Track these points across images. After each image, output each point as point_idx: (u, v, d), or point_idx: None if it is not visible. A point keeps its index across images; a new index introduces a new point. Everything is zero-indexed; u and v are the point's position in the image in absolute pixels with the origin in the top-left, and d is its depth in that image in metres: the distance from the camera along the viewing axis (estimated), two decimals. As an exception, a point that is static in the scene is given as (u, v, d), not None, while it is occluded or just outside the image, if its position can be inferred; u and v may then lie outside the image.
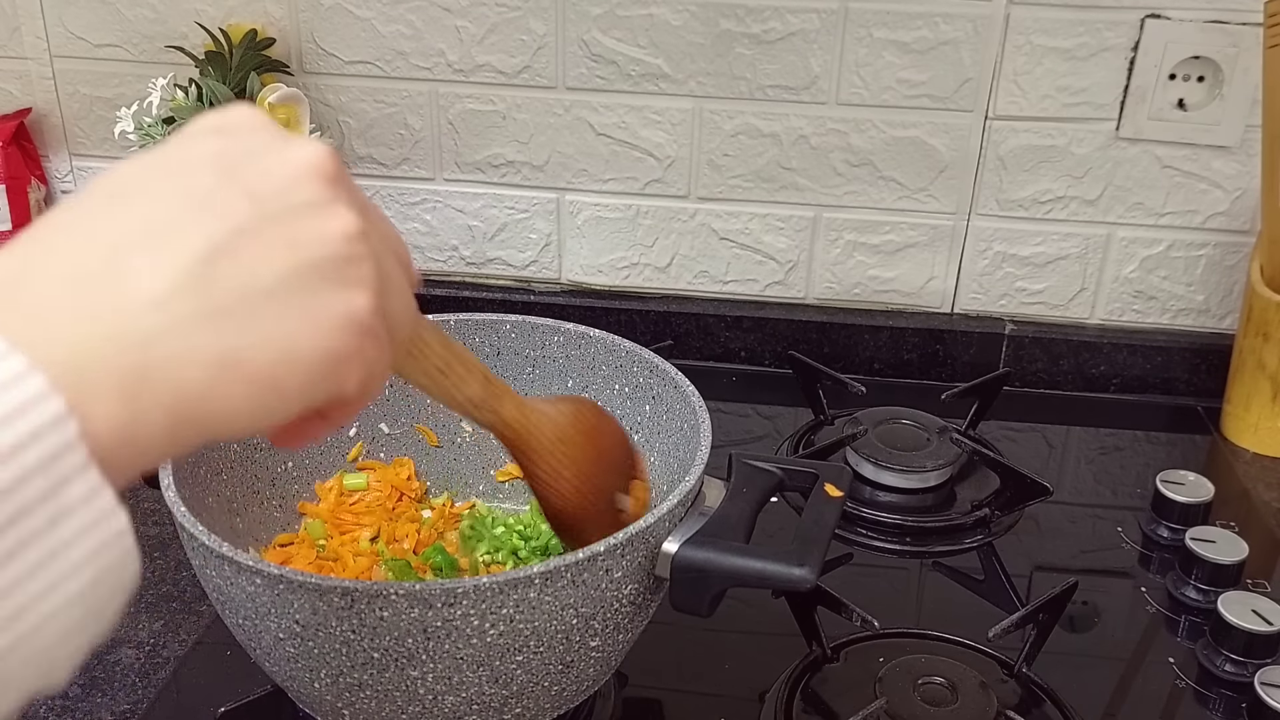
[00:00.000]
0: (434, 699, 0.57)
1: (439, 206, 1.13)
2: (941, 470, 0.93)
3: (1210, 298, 1.08)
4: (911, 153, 1.05)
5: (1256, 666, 0.72)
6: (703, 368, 1.12)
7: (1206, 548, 0.81)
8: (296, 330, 0.34)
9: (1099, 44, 0.99)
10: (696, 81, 1.04)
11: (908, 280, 1.11)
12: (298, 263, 0.34)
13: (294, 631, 0.56)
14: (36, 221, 0.33)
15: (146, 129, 0.97)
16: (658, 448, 0.75)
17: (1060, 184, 1.05)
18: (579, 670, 0.61)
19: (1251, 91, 0.98)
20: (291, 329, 0.34)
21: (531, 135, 1.08)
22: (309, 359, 0.35)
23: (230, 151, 0.36)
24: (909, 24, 1.00)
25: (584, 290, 1.15)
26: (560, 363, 0.79)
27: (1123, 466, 0.99)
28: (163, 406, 0.31)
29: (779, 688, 0.71)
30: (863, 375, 1.08)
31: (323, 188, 0.37)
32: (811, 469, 0.69)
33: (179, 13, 1.07)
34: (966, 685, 0.70)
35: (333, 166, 0.38)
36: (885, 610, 0.74)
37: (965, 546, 0.88)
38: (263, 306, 0.33)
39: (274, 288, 0.34)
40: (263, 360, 0.33)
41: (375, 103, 1.09)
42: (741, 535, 0.62)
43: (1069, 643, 0.77)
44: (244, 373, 0.33)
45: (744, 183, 1.08)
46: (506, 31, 1.04)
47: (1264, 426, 1.00)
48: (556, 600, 0.56)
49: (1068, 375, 1.10)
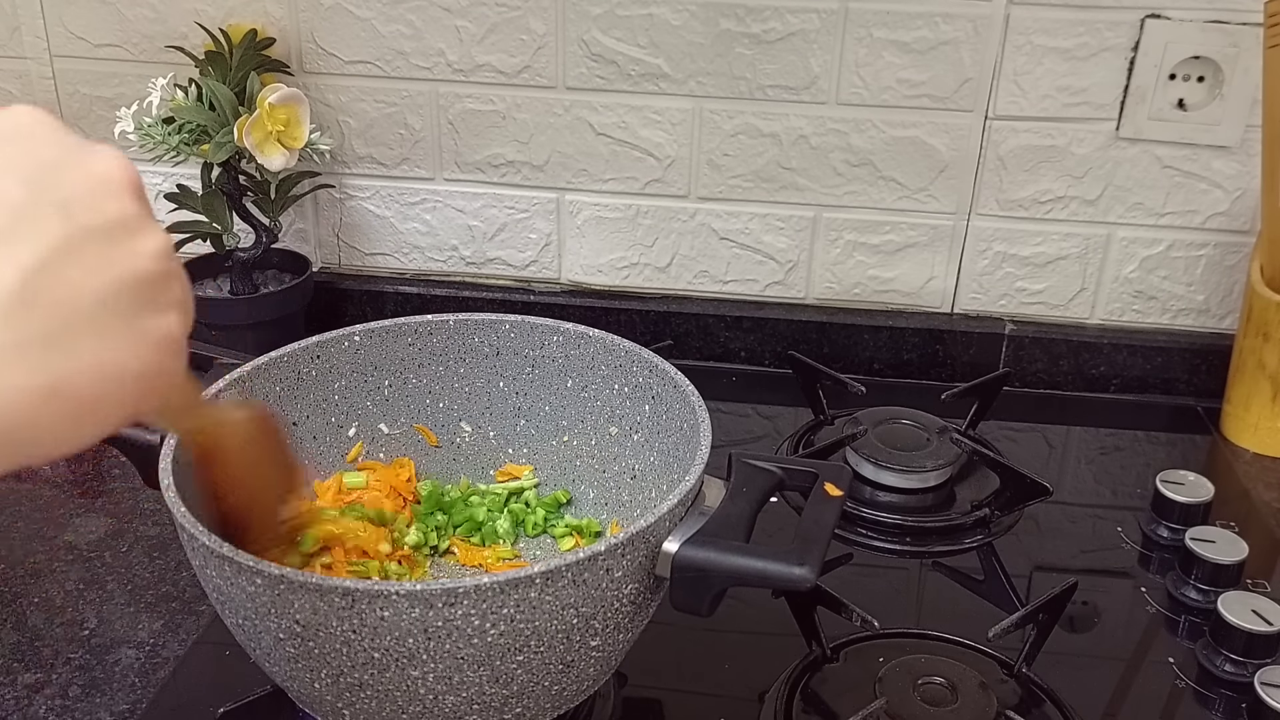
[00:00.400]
0: (434, 699, 0.57)
1: (439, 206, 1.13)
2: (941, 470, 0.93)
3: (1210, 298, 1.08)
4: (911, 153, 1.05)
5: (1256, 666, 0.72)
6: (703, 368, 1.12)
7: (1206, 548, 0.81)
8: (118, 353, 0.34)
9: (1099, 44, 0.99)
10: (696, 81, 1.04)
11: (908, 280, 1.11)
12: (116, 282, 0.34)
13: (294, 631, 0.56)
14: None
15: (146, 129, 0.97)
16: (657, 447, 0.75)
17: (1060, 184, 1.05)
18: (579, 670, 0.61)
19: (1251, 91, 0.98)
20: (113, 352, 0.34)
21: (531, 135, 1.08)
22: (129, 380, 0.34)
23: (32, 159, 0.35)
24: (909, 24, 1.00)
25: (584, 290, 1.15)
26: (560, 362, 0.79)
27: (1123, 466, 0.99)
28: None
29: (779, 688, 0.71)
30: (863, 375, 1.08)
31: (131, 201, 0.36)
32: (811, 468, 0.69)
33: (179, 13, 1.07)
34: (966, 685, 0.70)
35: (136, 177, 0.37)
36: (885, 610, 0.74)
37: (965, 546, 0.88)
38: (84, 330, 0.33)
39: (95, 310, 0.33)
40: (85, 385, 0.33)
41: (375, 103, 1.09)
42: (741, 535, 0.62)
43: (1069, 643, 0.77)
44: (67, 397, 0.33)
45: (744, 183, 1.08)
46: (506, 31, 1.04)
47: (1264, 426, 1.00)
48: (557, 600, 0.56)
49: (1068, 375, 1.10)
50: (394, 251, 1.15)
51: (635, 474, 0.78)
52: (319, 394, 0.77)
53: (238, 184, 1.02)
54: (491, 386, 0.81)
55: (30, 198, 0.33)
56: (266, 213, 1.05)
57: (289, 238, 1.14)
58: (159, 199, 1.11)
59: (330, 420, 0.78)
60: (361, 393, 0.78)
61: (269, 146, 0.97)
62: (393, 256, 1.16)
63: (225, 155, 0.97)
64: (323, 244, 1.16)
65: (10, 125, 0.36)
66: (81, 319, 0.33)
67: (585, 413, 0.79)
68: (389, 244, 1.15)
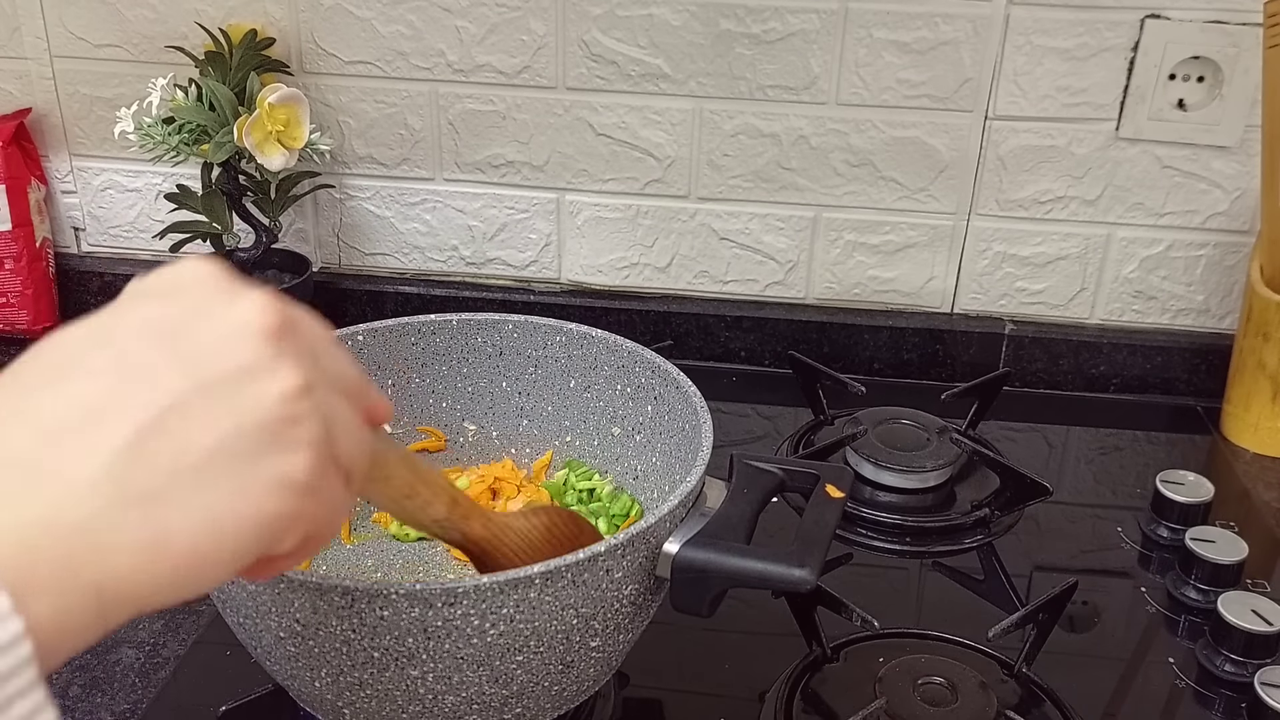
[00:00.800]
0: (434, 698, 0.57)
1: (439, 206, 1.13)
2: (941, 470, 0.93)
3: (1210, 298, 1.08)
4: (911, 153, 1.05)
5: (1256, 666, 0.72)
6: (703, 368, 1.12)
7: (1206, 548, 0.81)
8: (225, 503, 0.34)
9: (1099, 44, 0.99)
10: (696, 81, 1.04)
11: (908, 280, 1.11)
12: (231, 432, 0.34)
13: (294, 631, 0.56)
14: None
15: (146, 129, 0.97)
16: (659, 448, 0.75)
17: (1060, 184, 1.05)
18: (579, 670, 0.61)
19: (1251, 91, 0.98)
20: (220, 503, 0.34)
21: (531, 135, 1.08)
22: (237, 530, 0.34)
23: (171, 317, 0.35)
24: (909, 24, 1.00)
25: (584, 290, 1.15)
26: (562, 363, 0.79)
27: (1123, 466, 0.99)
28: (93, 593, 0.31)
29: (779, 688, 0.71)
30: (863, 375, 1.08)
31: (262, 346, 0.36)
32: (813, 470, 0.69)
33: (179, 13, 1.07)
34: (966, 685, 0.70)
35: (275, 320, 0.37)
36: (885, 610, 0.74)
37: (965, 546, 0.88)
38: (191, 483, 0.33)
39: (204, 463, 0.34)
40: (189, 538, 0.33)
41: (375, 103, 1.09)
42: (742, 536, 0.62)
43: (1069, 643, 0.77)
44: (171, 553, 0.33)
45: (744, 183, 1.08)
46: (506, 31, 1.04)
47: (1264, 426, 1.00)
48: (557, 600, 0.56)
49: (1068, 375, 1.10)
50: (394, 252, 1.15)
51: (637, 474, 0.78)
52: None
53: (238, 184, 1.02)
54: (494, 386, 0.81)
55: (155, 356, 0.34)
56: (266, 213, 1.05)
57: (289, 238, 1.14)
58: (159, 199, 1.12)
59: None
60: (362, 393, 0.79)
61: (269, 146, 0.97)
62: (393, 256, 1.16)
63: (225, 155, 0.97)
64: (323, 244, 1.16)
65: (171, 281, 0.37)
66: (188, 472, 0.33)
67: (588, 413, 0.79)
68: (389, 244, 1.15)
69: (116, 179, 1.15)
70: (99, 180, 1.16)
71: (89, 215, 1.17)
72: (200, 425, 0.34)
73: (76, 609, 0.31)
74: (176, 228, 1.04)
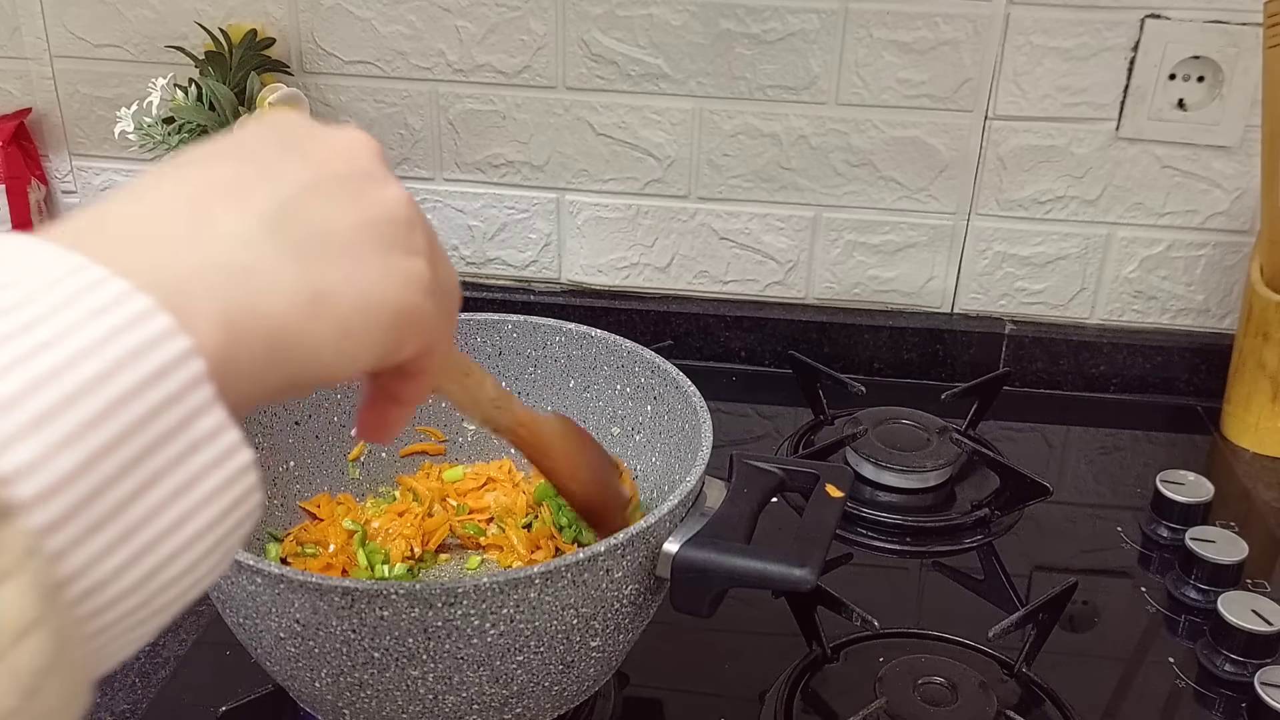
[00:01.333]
0: (434, 698, 0.57)
1: (439, 206, 1.13)
2: (941, 470, 0.93)
3: (1210, 298, 1.08)
4: (911, 153, 1.05)
5: (1256, 666, 0.72)
6: (703, 368, 1.12)
7: (1206, 548, 0.81)
8: (373, 278, 0.35)
9: (1099, 44, 0.99)
10: (696, 81, 1.04)
11: (908, 280, 1.11)
12: (364, 219, 0.36)
13: (294, 631, 0.56)
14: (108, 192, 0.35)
15: (146, 129, 0.97)
16: (659, 448, 0.75)
17: (1060, 184, 1.05)
18: (579, 670, 0.61)
19: (1251, 91, 0.98)
20: (368, 276, 0.35)
21: (531, 135, 1.08)
22: (383, 307, 0.35)
23: (287, 133, 0.37)
24: (909, 24, 1.00)
25: (584, 290, 1.15)
26: (562, 363, 0.79)
27: (1123, 466, 0.99)
28: (260, 337, 0.31)
29: (779, 688, 0.71)
30: (863, 375, 1.08)
31: (376, 162, 0.38)
32: (813, 469, 0.69)
33: (179, 13, 1.07)
34: (966, 685, 0.70)
35: (378, 147, 0.39)
36: (885, 610, 0.74)
37: (965, 546, 0.88)
38: (339, 253, 0.34)
39: (347, 238, 0.35)
40: (346, 300, 0.34)
41: (375, 103, 1.09)
42: (742, 536, 0.62)
43: (1069, 643, 0.77)
44: (331, 310, 0.33)
45: (744, 183, 1.08)
46: (506, 31, 1.04)
47: (1264, 426, 1.00)
48: (557, 600, 0.56)
49: (1068, 375, 1.10)
50: (394, 251, 1.15)
51: (637, 474, 0.78)
52: (321, 394, 0.77)
53: (238, 184, 1.02)
54: (492, 387, 0.81)
55: (283, 155, 0.36)
56: (266, 213, 1.05)
57: (289, 238, 1.14)
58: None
59: (333, 420, 0.78)
60: (362, 393, 0.78)
61: (269, 146, 0.97)
62: (393, 256, 1.16)
63: (225, 155, 0.97)
64: (323, 244, 1.16)
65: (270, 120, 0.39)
66: (335, 243, 0.34)
67: (587, 413, 0.79)
68: (389, 244, 1.15)
69: (116, 179, 1.16)
70: (99, 180, 1.16)
71: (89, 215, 1.17)
72: (337, 206, 0.35)
73: (245, 351, 0.31)
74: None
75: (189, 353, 0.28)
